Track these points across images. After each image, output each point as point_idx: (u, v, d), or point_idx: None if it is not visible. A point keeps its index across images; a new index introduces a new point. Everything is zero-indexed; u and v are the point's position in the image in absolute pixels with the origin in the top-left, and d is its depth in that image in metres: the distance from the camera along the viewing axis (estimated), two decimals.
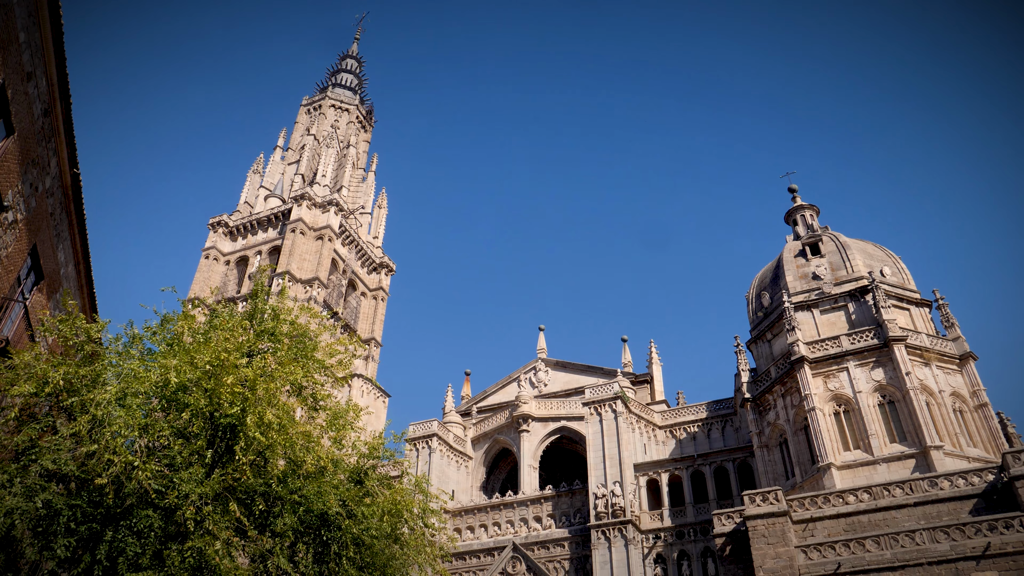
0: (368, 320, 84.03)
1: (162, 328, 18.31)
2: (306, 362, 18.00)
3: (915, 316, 45.67)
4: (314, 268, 76.37)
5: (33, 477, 14.35)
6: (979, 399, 41.92)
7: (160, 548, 14.16)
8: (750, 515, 34.67)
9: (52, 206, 21.44)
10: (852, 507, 34.90)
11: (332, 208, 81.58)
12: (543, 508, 52.42)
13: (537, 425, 57.54)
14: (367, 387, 70.08)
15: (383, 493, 17.94)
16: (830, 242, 49.74)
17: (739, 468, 48.76)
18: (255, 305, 19.49)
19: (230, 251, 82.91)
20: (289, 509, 15.51)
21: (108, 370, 16.52)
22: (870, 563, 31.61)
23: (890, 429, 40.66)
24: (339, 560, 16.05)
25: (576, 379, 61.34)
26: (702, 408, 53.21)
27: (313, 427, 17.69)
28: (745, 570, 35.50)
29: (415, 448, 56.15)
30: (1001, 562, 29.82)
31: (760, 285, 51.98)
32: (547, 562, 49.44)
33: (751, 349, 50.32)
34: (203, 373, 15.55)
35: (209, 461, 15.63)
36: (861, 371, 42.57)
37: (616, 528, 46.66)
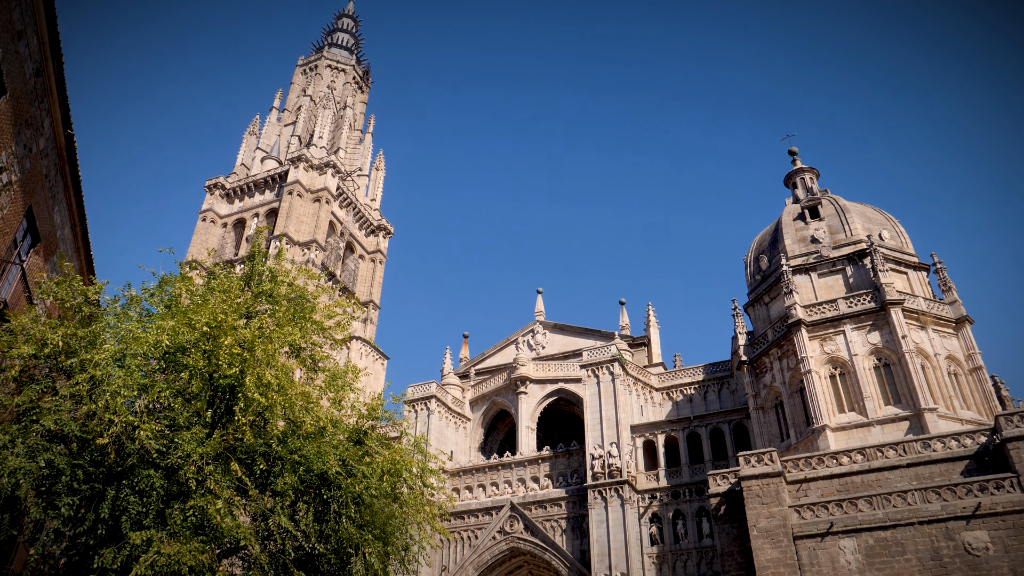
0: (366, 283, 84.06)
1: (160, 290, 18.30)
2: (304, 324, 18.04)
3: (912, 280, 45.75)
4: (312, 231, 76.13)
5: (35, 437, 14.47)
6: (974, 362, 42.23)
7: (162, 507, 14.34)
8: (745, 475, 35.11)
9: (47, 168, 21.27)
10: (846, 468, 35.33)
11: (329, 170, 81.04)
12: (541, 468, 53.06)
13: (535, 387, 57.96)
14: (366, 349, 70.38)
15: (382, 453, 18.12)
16: (829, 205, 49.59)
17: (735, 430, 49.27)
18: (252, 267, 19.45)
19: (227, 214, 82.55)
20: (289, 469, 15.69)
21: (106, 331, 16.55)
22: (862, 522, 32.11)
23: (885, 392, 41.02)
24: (339, 518, 16.27)
25: (574, 342, 61.62)
26: (699, 371, 53.56)
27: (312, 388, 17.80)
28: (739, 529, 36.07)
29: (414, 410, 56.61)
30: (991, 522, 30.30)
31: (758, 248, 51.94)
32: (544, 521, 50.20)
33: (748, 312, 50.49)
34: (201, 335, 15.59)
35: (209, 421, 15.75)
36: (857, 334, 42.79)
37: (612, 488, 47.29)
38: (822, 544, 32.34)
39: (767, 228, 52.86)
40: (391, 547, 17.85)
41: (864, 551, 31.51)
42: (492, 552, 50.57)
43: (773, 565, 32.38)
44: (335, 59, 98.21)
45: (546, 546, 49.15)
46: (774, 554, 32.60)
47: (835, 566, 31.63)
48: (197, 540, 13.43)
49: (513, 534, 50.43)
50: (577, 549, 48.43)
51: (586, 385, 52.34)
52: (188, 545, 13.09)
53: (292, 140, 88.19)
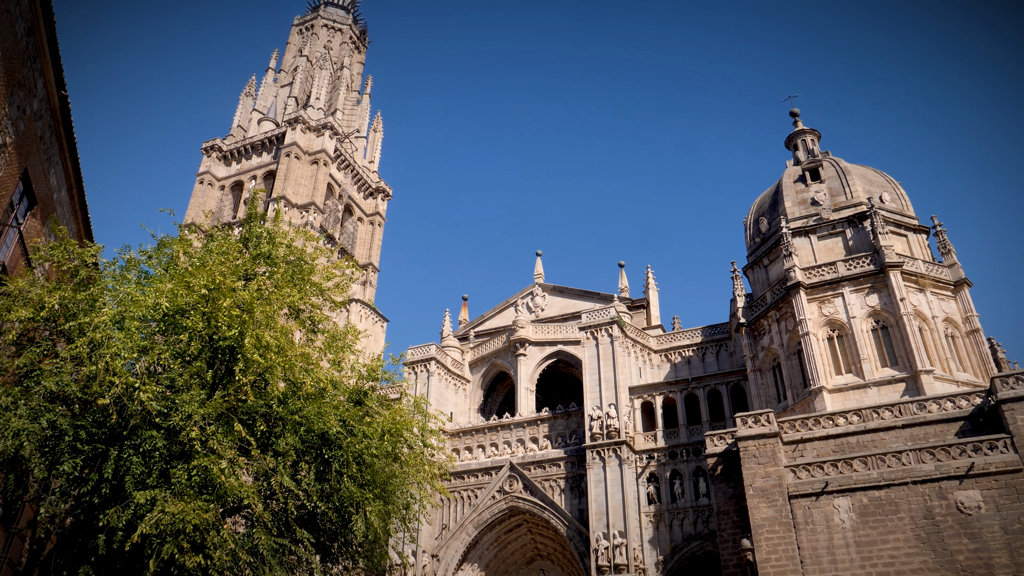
0: (365, 245, 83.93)
1: (158, 252, 18.28)
2: (303, 285, 18.05)
3: (912, 242, 45.70)
4: (310, 193, 75.76)
5: (37, 399, 14.57)
6: (971, 325, 42.40)
7: (165, 467, 14.52)
8: (742, 436, 35.47)
9: (41, 129, 21.07)
10: (841, 429, 35.67)
11: (326, 132, 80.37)
12: (540, 429, 53.57)
13: (534, 349, 58.23)
14: (365, 312, 70.55)
15: (382, 413, 18.27)
16: (830, 167, 49.30)
17: (732, 391, 49.64)
18: (250, 229, 19.40)
19: (224, 176, 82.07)
20: (290, 429, 15.83)
21: (105, 294, 16.56)
22: (856, 482, 32.54)
23: (882, 354, 41.26)
24: (340, 477, 16.47)
25: (573, 304, 61.76)
26: (697, 333, 53.78)
27: (312, 349, 17.87)
28: (735, 488, 36.56)
29: (413, 372, 56.95)
30: (983, 481, 30.70)
31: (758, 211, 51.78)
32: (543, 481, 50.85)
33: (747, 275, 50.52)
34: (200, 297, 15.61)
35: (210, 382, 15.85)
36: (856, 297, 42.88)
37: (611, 448, 47.81)
38: (817, 503, 32.82)
39: (767, 190, 52.62)
40: (392, 506, 18.11)
41: (858, 510, 31.99)
42: (492, 511, 51.31)
43: (768, 524, 32.89)
44: (331, 18, 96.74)
45: (545, 505, 49.86)
46: (769, 513, 33.10)
47: (829, 524, 32.14)
48: (201, 499, 13.61)
49: (512, 494, 51.12)
50: (575, 508, 49.14)
51: (585, 347, 52.60)
52: (192, 504, 13.27)
53: (289, 101, 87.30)
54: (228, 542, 13.65)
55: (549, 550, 52.72)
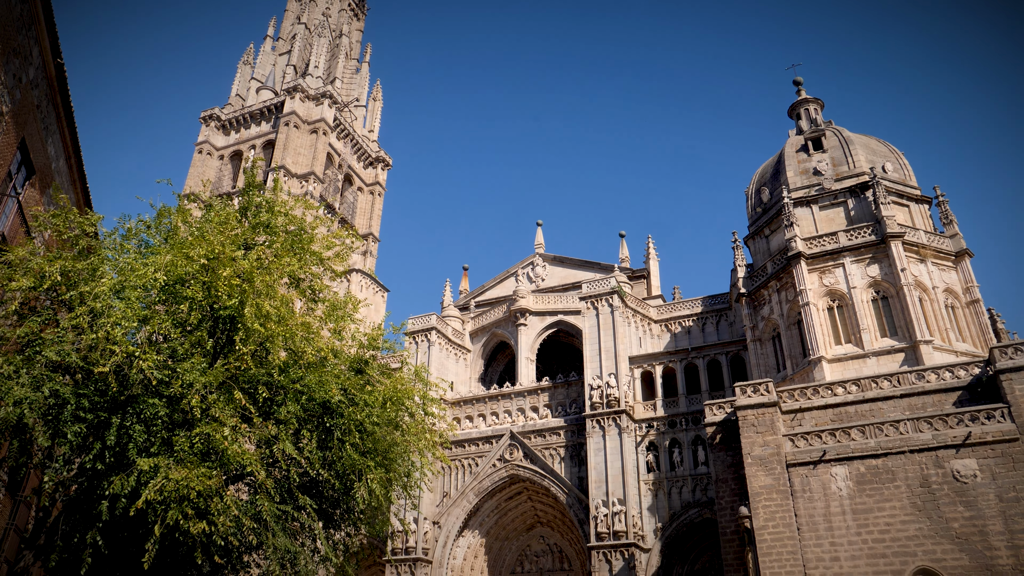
0: (365, 215, 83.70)
1: (157, 222, 18.23)
2: (303, 255, 18.03)
3: (914, 212, 45.54)
4: (309, 162, 75.36)
5: (39, 368, 14.63)
6: (972, 295, 42.42)
7: (168, 435, 14.63)
8: (741, 405, 35.68)
9: (38, 98, 20.89)
10: (840, 398, 35.87)
11: (326, 101, 79.71)
12: (540, 399, 53.91)
13: (534, 319, 58.36)
14: (366, 282, 70.57)
15: (383, 382, 18.35)
16: (833, 137, 48.95)
17: (732, 361, 49.85)
18: (249, 199, 19.33)
19: (223, 145, 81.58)
20: (292, 397, 15.90)
21: (105, 264, 16.55)
22: (854, 451, 32.80)
23: (882, 324, 41.33)
24: (342, 445, 16.59)
25: (573, 274, 61.76)
26: (697, 303, 53.85)
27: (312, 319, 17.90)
28: (734, 457, 36.88)
29: (414, 341, 57.15)
30: (980, 450, 30.94)
31: (760, 180, 51.53)
32: (543, 449, 51.29)
33: (748, 245, 50.43)
34: (199, 266, 15.60)
35: (210, 351, 15.91)
36: (857, 267, 42.84)
37: (610, 417, 48.15)
38: (814, 471, 33.12)
39: (769, 160, 52.32)
40: (393, 473, 18.26)
41: (855, 478, 32.29)
42: (492, 479, 51.85)
43: (766, 491, 33.23)
44: None
45: (545, 473, 50.35)
46: (767, 481, 33.42)
47: (826, 492, 32.47)
48: (204, 466, 13.73)
49: (513, 462, 51.60)
50: (575, 476, 49.62)
51: (585, 317, 52.71)
52: (195, 471, 13.40)
53: (287, 70, 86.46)
54: (232, 508, 13.80)
55: (549, 517, 53.36)
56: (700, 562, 46.32)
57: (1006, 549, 28.98)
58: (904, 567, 30.06)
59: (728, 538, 36.45)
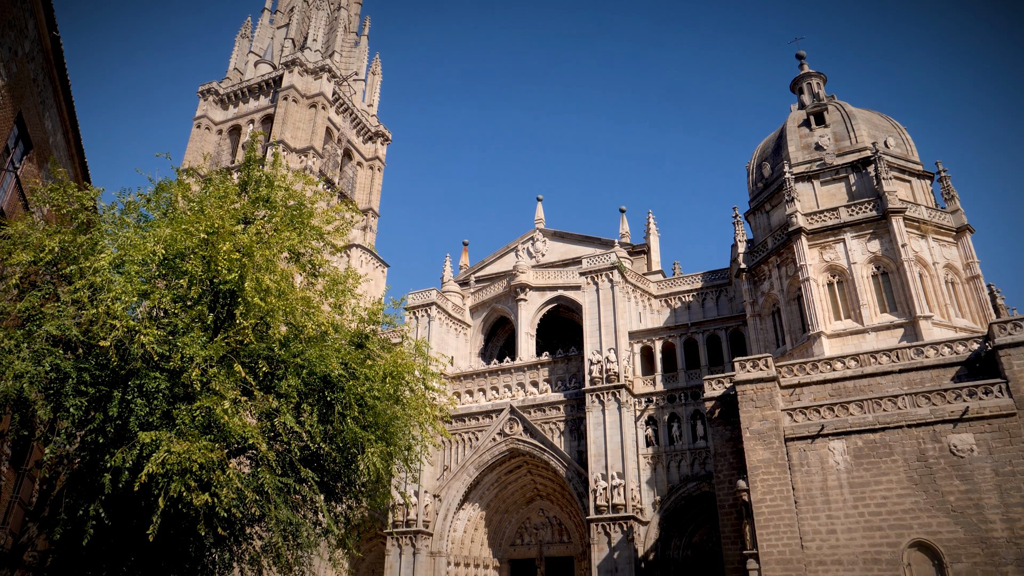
0: (365, 190, 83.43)
1: (156, 196, 18.17)
2: (302, 229, 18.00)
3: (916, 188, 45.39)
4: (308, 137, 74.97)
5: (39, 342, 14.66)
6: (972, 271, 42.41)
7: (169, 408, 14.69)
8: (740, 380, 35.81)
9: (34, 72, 20.73)
10: (839, 373, 35.99)
11: (324, 75, 79.07)
12: (540, 373, 54.13)
13: (534, 294, 58.43)
14: (366, 257, 70.53)
15: (384, 356, 18.40)
16: (835, 111, 48.64)
17: (731, 336, 49.99)
18: (248, 173, 19.25)
19: (222, 120, 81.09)
20: (292, 371, 15.95)
21: (104, 238, 16.53)
22: (852, 425, 32.98)
23: (882, 299, 41.38)
24: (343, 419, 16.68)
25: (574, 249, 61.73)
26: (697, 278, 53.88)
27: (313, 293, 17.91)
28: (733, 431, 37.10)
29: (414, 316, 57.26)
30: (977, 425, 31.11)
31: (762, 155, 51.29)
32: (543, 423, 51.61)
33: (749, 220, 50.33)
34: (199, 241, 15.58)
35: (211, 325, 15.94)
36: (857, 242, 42.80)
37: (610, 392, 48.38)
38: (812, 446, 33.33)
39: (771, 135, 52.04)
40: (394, 447, 18.37)
41: (852, 452, 32.51)
42: (492, 453, 52.23)
43: (764, 465, 33.48)
44: None
45: (545, 447, 50.71)
46: (765, 455, 33.66)
47: (824, 466, 32.72)
48: (205, 439, 13.81)
49: (513, 436, 51.95)
50: (575, 450, 49.97)
51: (585, 292, 52.77)
52: (197, 444, 13.48)
53: (285, 43, 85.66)
54: (234, 481, 13.91)
55: (548, 490, 53.83)
56: (698, 535, 46.81)
57: (1001, 522, 29.27)
58: (900, 540, 30.37)
59: (726, 511, 36.78)
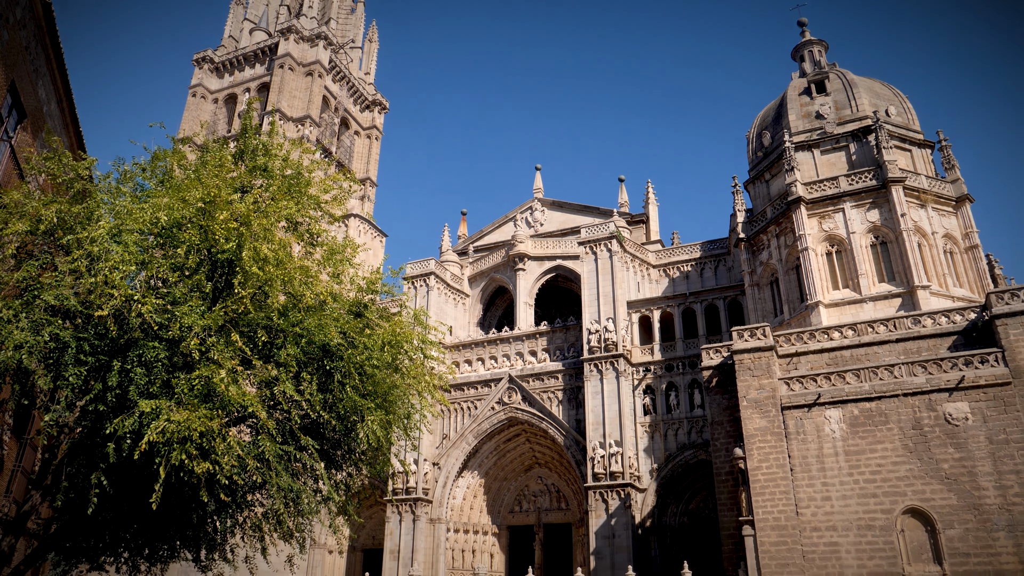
0: (362, 159, 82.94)
1: (152, 165, 18.03)
2: (300, 198, 17.90)
3: (916, 157, 45.21)
4: (305, 106, 74.34)
5: (38, 312, 14.66)
6: (971, 241, 42.41)
7: (168, 377, 14.73)
8: (737, 349, 35.97)
9: (26, 39, 20.46)
10: (836, 343, 36.15)
11: (321, 42, 78.15)
12: (538, 343, 54.33)
13: (533, 264, 58.44)
14: (364, 226, 70.35)
15: (383, 325, 18.40)
16: (836, 79, 48.24)
17: (729, 306, 50.11)
18: (245, 141, 19.10)
19: (217, 89, 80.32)
20: (291, 341, 15.96)
21: (101, 207, 16.44)
22: (848, 394, 33.21)
23: (880, 269, 41.43)
24: (342, 388, 16.73)
25: (572, 219, 61.62)
26: (696, 248, 53.87)
27: (311, 263, 17.87)
28: (730, 400, 37.37)
29: (413, 286, 57.30)
30: (973, 394, 31.34)
31: (762, 124, 50.97)
32: (541, 392, 51.92)
33: (748, 190, 50.18)
34: (196, 210, 15.51)
35: (209, 294, 15.93)
36: (857, 212, 42.75)
37: (608, 361, 48.61)
38: (808, 414, 33.60)
39: (772, 103, 51.68)
40: (393, 415, 18.44)
41: (848, 420, 32.78)
42: (491, 421, 52.63)
43: (760, 433, 33.78)
44: None
45: (543, 416, 51.08)
46: (762, 423, 33.93)
47: (820, 434, 33.01)
48: (204, 408, 13.87)
49: (511, 405, 52.29)
50: (573, 418, 50.35)
51: (584, 262, 52.76)
52: (196, 412, 13.54)
53: (281, 10, 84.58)
54: (235, 448, 14.00)
55: (547, 458, 54.34)
56: (694, 502, 47.38)
57: (994, 489, 29.62)
58: (894, 506, 30.75)
59: (722, 478, 37.19)
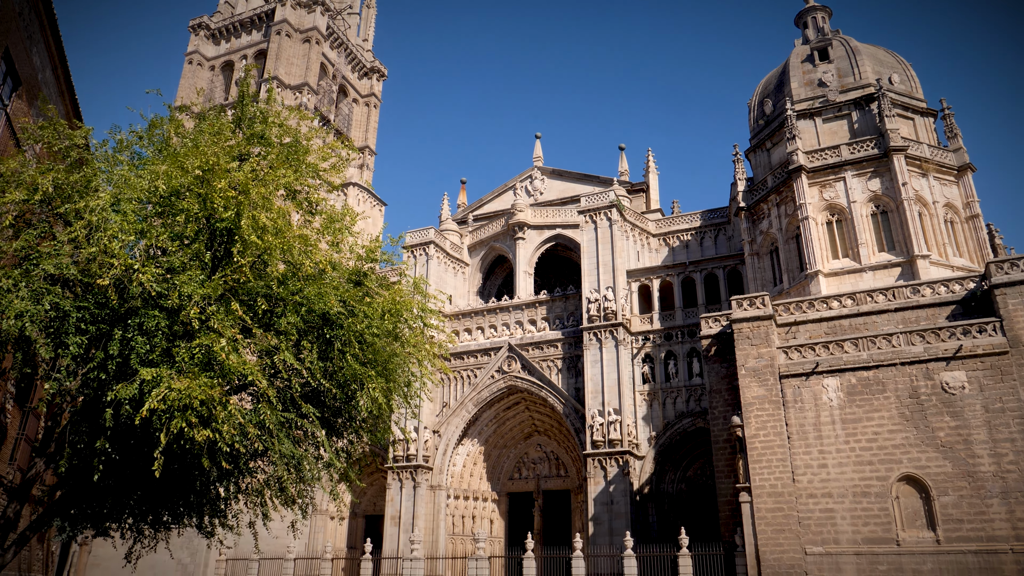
0: (361, 128, 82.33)
1: (149, 133, 17.90)
2: (298, 166, 17.81)
3: (919, 126, 44.91)
4: (302, 73, 73.60)
5: (37, 281, 14.66)
6: (971, 210, 42.31)
7: (168, 346, 14.79)
8: (736, 318, 36.06)
9: (19, 5, 20.20)
10: (835, 312, 36.23)
11: (318, 8, 77.15)
12: (538, 312, 54.45)
13: (532, 233, 58.34)
14: (363, 195, 70.07)
15: (382, 294, 18.41)
16: (840, 47, 47.72)
17: (729, 275, 50.13)
18: (242, 109, 18.95)
19: (214, 56, 79.46)
20: (291, 309, 15.98)
21: (98, 176, 16.37)
22: (847, 363, 33.38)
23: (880, 238, 41.39)
24: (343, 356, 16.79)
25: (572, 187, 61.35)
26: (696, 217, 53.73)
27: (310, 231, 17.82)
28: (728, 369, 37.57)
29: (412, 255, 57.26)
30: (970, 363, 31.49)
31: (764, 92, 50.54)
32: (541, 361, 52.16)
33: (749, 158, 49.92)
34: (194, 178, 15.44)
35: (208, 263, 15.93)
36: (858, 181, 42.60)
37: (607, 330, 48.77)
38: (806, 383, 33.79)
39: (774, 71, 51.19)
40: (394, 383, 18.55)
41: (846, 389, 32.99)
42: (491, 390, 52.94)
43: (758, 401, 34.01)
44: None
45: (542, 384, 51.38)
46: (760, 391, 34.15)
47: (817, 402, 33.24)
48: (204, 376, 13.93)
49: (511, 373, 52.56)
50: (572, 387, 50.66)
51: (584, 230, 52.67)
52: (197, 380, 13.61)
53: None
54: (235, 416, 14.09)
55: (546, 426, 54.77)
56: (692, 469, 47.86)
57: (988, 456, 29.92)
58: (889, 473, 31.08)
59: (720, 446, 37.53)
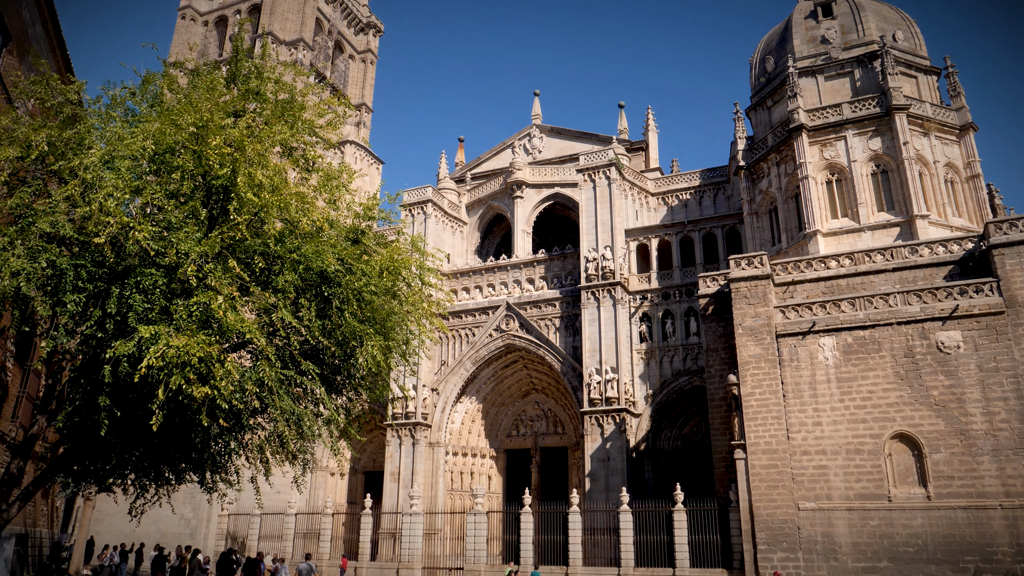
0: (357, 84, 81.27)
1: (143, 89, 17.65)
2: (294, 122, 17.61)
3: (921, 84, 44.42)
4: (298, 28, 72.39)
5: (34, 239, 14.60)
6: (972, 170, 42.09)
7: (166, 304, 14.78)
8: (734, 277, 36.11)
9: None
10: (832, 271, 36.28)
11: None
12: (536, 271, 54.46)
13: (531, 191, 58.04)
14: (360, 153, 69.50)
15: (380, 252, 18.36)
16: (844, 2, 46.93)
17: (727, 235, 50.04)
18: (237, 64, 18.65)
19: (207, 10, 78.04)
20: (289, 267, 15.95)
21: (92, 133, 16.18)
22: (843, 322, 33.54)
23: (880, 198, 41.24)
24: (341, 314, 16.81)
25: (571, 146, 60.83)
26: (695, 176, 53.43)
27: (307, 189, 17.70)
28: (725, 328, 37.75)
29: (410, 214, 57.03)
30: (966, 323, 31.66)
31: (766, 49, 49.85)
32: (539, 320, 52.34)
33: (750, 117, 49.46)
34: (188, 135, 15.28)
35: (205, 221, 15.84)
36: (859, 140, 42.28)
37: (605, 289, 48.85)
38: (803, 342, 33.99)
39: (776, 27, 50.42)
40: (392, 341, 18.61)
41: (842, 348, 33.19)
42: (489, 348, 53.21)
43: (755, 360, 34.24)
44: None
45: (540, 343, 51.62)
46: (756, 350, 34.36)
47: (813, 361, 33.47)
48: (202, 333, 13.96)
49: (509, 332, 52.78)
50: (570, 345, 50.92)
51: (582, 189, 52.41)
52: (195, 338, 13.64)
53: None
54: (233, 373, 14.15)
55: (544, 384, 55.19)
56: (688, 426, 48.39)
57: (981, 415, 30.27)
58: (883, 431, 31.46)
59: (716, 404, 37.91)
